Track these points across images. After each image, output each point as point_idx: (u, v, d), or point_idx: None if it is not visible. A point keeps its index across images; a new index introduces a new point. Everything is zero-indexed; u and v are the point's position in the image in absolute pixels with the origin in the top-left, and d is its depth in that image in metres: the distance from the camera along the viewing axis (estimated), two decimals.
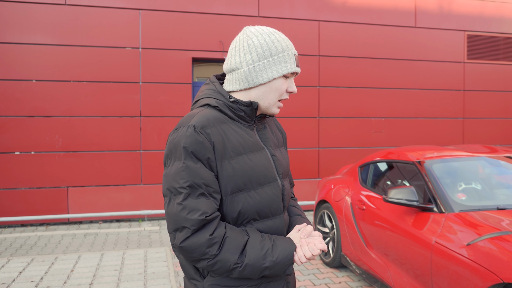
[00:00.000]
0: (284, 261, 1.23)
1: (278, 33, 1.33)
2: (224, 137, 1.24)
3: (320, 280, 3.99)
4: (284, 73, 1.29)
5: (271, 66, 1.28)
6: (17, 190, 6.08)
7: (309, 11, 7.12)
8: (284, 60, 1.29)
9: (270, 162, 1.33)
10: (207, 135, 1.21)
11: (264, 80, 1.29)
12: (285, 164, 1.42)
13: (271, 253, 1.22)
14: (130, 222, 6.44)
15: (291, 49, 1.31)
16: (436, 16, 7.75)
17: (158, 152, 6.52)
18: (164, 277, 4.06)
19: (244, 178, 1.25)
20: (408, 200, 2.95)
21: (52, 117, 6.16)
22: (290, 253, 1.24)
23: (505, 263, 2.15)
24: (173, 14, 6.53)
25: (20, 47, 6.05)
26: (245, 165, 1.26)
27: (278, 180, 1.34)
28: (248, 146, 1.29)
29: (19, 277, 4.05)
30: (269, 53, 1.28)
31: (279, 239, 1.27)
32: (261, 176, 1.29)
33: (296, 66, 1.31)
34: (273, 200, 1.31)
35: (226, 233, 1.19)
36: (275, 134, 1.46)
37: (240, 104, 1.30)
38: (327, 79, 7.25)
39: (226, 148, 1.24)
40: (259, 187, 1.28)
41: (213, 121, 1.24)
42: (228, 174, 1.23)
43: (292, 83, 1.34)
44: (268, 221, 1.31)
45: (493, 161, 3.47)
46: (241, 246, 1.19)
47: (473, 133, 8.04)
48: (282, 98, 1.33)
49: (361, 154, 7.34)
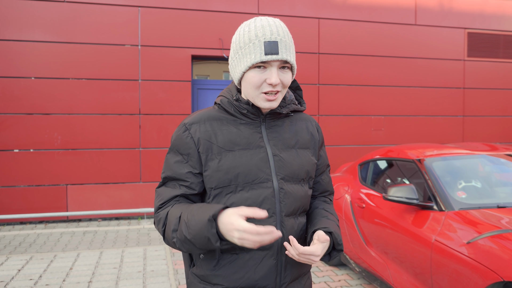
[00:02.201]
0: (200, 230, 1.11)
1: (259, 21, 1.23)
2: (212, 133, 1.27)
3: (320, 278, 3.99)
4: (249, 65, 1.20)
5: (240, 59, 1.23)
6: (16, 188, 6.07)
7: (309, 9, 7.10)
8: (250, 51, 1.20)
9: (265, 162, 1.26)
10: (193, 131, 1.27)
11: (238, 76, 1.25)
12: (295, 167, 1.30)
13: (190, 222, 1.14)
14: (129, 220, 6.43)
15: (261, 36, 1.19)
16: (436, 14, 7.73)
17: (157, 150, 6.50)
18: (163, 275, 4.05)
19: (229, 174, 1.23)
20: (408, 198, 2.94)
21: (51, 114, 6.15)
22: (204, 221, 1.10)
23: (505, 261, 2.14)
24: (173, 12, 6.51)
25: (19, 44, 6.03)
26: (233, 162, 1.24)
27: (274, 182, 1.26)
28: (241, 143, 1.27)
29: (18, 275, 4.04)
30: (239, 46, 1.24)
31: (202, 207, 1.16)
32: (250, 174, 1.24)
33: (264, 55, 1.18)
34: (262, 202, 1.24)
35: (169, 211, 1.23)
36: (297, 134, 1.36)
37: (242, 102, 1.29)
38: (327, 77, 7.23)
39: (213, 143, 1.26)
40: (247, 185, 1.24)
41: (204, 118, 1.29)
42: (212, 169, 1.24)
43: (271, 73, 1.21)
44: (256, 222, 1.22)
45: (493, 159, 3.46)
46: (175, 219, 1.19)
47: (473, 131, 8.02)
48: (263, 91, 1.22)
49: (360, 152, 7.33)
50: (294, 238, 1.26)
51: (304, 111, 1.46)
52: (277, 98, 1.25)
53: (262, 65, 1.21)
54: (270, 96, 1.23)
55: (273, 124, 1.33)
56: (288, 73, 1.25)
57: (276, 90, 1.23)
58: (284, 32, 1.23)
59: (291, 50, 1.24)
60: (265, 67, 1.22)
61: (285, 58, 1.20)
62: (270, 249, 1.25)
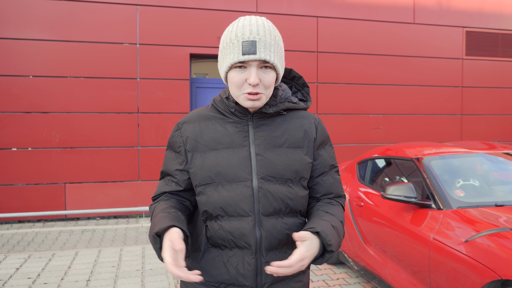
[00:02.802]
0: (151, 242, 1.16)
1: (242, 21, 1.22)
2: (198, 132, 1.32)
3: (318, 277, 3.99)
4: (228, 65, 1.21)
5: (223, 59, 1.25)
6: (14, 186, 6.06)
7: (307, 7, 7.09)
8: (229, 52, 1.21)
9: (246, 161, 1.26)
10: (183, 130, 1.34)
11: (223, 76, 1.27)
12: (279, 167, 1.27)
13: (151, 226, 1.23)
14: (127, 219, 6.43)
15: (240, 36, 1.19)
16: (434, 12, 7.73)
17: (155, 149, 6.50)
18: (161, 273, 4.05)
19: (211, 172, 1.27)
20: (406, 197, 2.94)
21: (49, 113, 6.13)
22: (151, 235, 1.16)
23: (503, 259, 2.15)
24: (171, 10, 6.50)
25: (17, 42, 6.02)
26: (215, 160, 1.27)
27: (253, 181, 1.25)
28: (224, 142, 1.29)
29: (16, 274, 4.04)
30: (223, 46, 1.25)
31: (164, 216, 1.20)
32: (230, 173, 1.25)
33: (242, 55, 1.17)
34: (240, 200, 1.24)
35: (156, 205, 1.31)
36: (286, 133, 1.32)
37: (230, 101, 1.31)
38: (325, 75, 7.23)
39: (199, 142, 1.31)
40: (227, 183, 1.25)
41: (195, 118, 1.35)
42: (197, 166, 1.29)
43: (250, 73, 1.19)
44: (235, 221, 1.25)
45: (492, 158, 3.47)
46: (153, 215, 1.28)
47: (471, 130, 8.04)
48: (245, 91, 1.22)
49: (359, 150, 7.34)
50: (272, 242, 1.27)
51: (307, 108, 1.44)
52: (260, 98, 1.23)
53: (242, 65, 1.21)
54: (252, 96, 1.22)
55: (261, 123, 1.31)
56: (269, 73, 1.23)
57: (257, 91, 1.21)
58: (265, 31, 1.21)
59: (273, 50, 1.21)
60: (245, 67, 1.21)
61: (263, 57, 1.18)
62: (249, 248, 1.25)
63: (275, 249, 1.27)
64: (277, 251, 1.28)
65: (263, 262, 1.26)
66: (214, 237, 1.28)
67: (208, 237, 1.31)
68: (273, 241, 1.26)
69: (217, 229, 1.27)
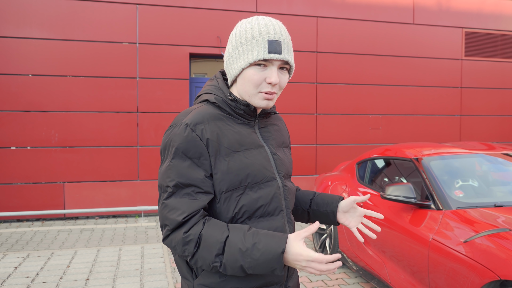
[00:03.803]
0: (267, 262, 1.10)
1: (262, 20, 1.22)
2: (219, 133, 1.21)
3: (317, 277, 3.99)
4: (250, 62, 1.18)
5: (240, 55, 1.21)
6: (13, 185, 6.05)
7: (307, 7, 7.09)
8: (252, 48, 1.18)
9: (269, 161, 1.28)
10: (200, 132, 1.18)
11: (236, 72, 1.22)
12: (288, 165, 1.36)
13: (251, 252, 1.10)
14: (126, 218, 6.43)
15: (265, 34, 1.18)
16: (434, 13, 7.74)
17: (155, 148, 6.50)
18: (160, 273, 4.05)
19: (240, 176, 1.20)
20: (405, 197, 2.95)
21: (48, 112, 6.13)
22: (275, 254, 1.09)
23: (502, 260, 2.15)
24: (171, 9, 6.50)
25: (16, 41, 6.01)
26: (241, 162, 1.21)
27: (278, 180, 1.28)
28: (245, 143, 1.25)
29: (15, 273, 4.03)
30: (240, 42, 1.21)
31: (265, 236, 1.13)
32: (258, 174, 1.23)
33: (268, 53, 1.17)
34: (270, 200, 1.25)
35: (202, 231, 1.14)
36: (282, 133, 1.41)
37: (239, 103, 1.25)
38: (325, 75, 7.24)
39: (221, 145, 1.20)
40: (255, 185, 1.23)
41: (208, 118, 1.22)
42: (222, 171, 1.19)
43: (271, 72, 1.19)
44: (266, 221, 1.24)
45: (491, 158, 3.47)
46: (219, 244, 1.13)
47: (470, 130, 8.05)
48: (262, 90, 1.21)
49: (358, 150, 7.34)
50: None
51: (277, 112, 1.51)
52: (273, 98, 1.24)
53: (263, 63, 1.19)
54: (269, 95, 1.22)
55: (264, 124, 1.35)
56: (286, 75, 1.25)
57: (274, 91, 1.22)
58: (286, 33, 1.23)
59: (291, 52, 1.24)
60: (265, 66, 1.20)
61: (287, 58, 1.20)
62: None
63: None
64: None
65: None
66: None
67: None
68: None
69: None
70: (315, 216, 1.49)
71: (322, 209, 1.48)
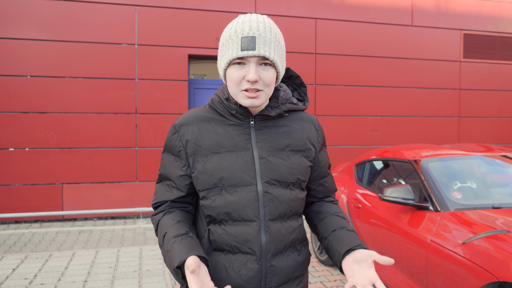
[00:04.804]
0: (171, 270, 1.13)
1: (243, 18, 1.20)
2: (200, 135, 1.27)
3: (316, 278, 3.99)
4: (227, 62, 1.19)
5: (222, 56, 1.22)
6: (11, 187, 6.04)
7: (306, 9, 7.10)
8: (228, 48, 1.18)
9: (250, 165, 1.24)
10: (181, 132, 1.28)
11: (221, 73, 1.24)
12: (283, 171, 1.26)
13: (165, 256, 1.17)
14: (125, 220, 6.42)
15: (239, 32, 1.17)
16: (432, 15, 7.75)
17: (153, 149, 6.49)
18: (159, 274, 4.05)
19: (214, 177, 1.23)
20: (404, 199, 2.95)
21: (46, 113, 6.12)
22: (171, 267, 1.12)
23: (500, 262, 2.15)
24: (169, 11, 6.50)
25: (14, 42, 6.00)
26: (218, 164, 1.23)
27: (258, 185, 1.23)
28: (226, 145, 1.25)
29: (13, 274, 4.02)
30: (222, 44, 1.22)
31: (177, 248, 1.13)
32: (233, 177, 1.22)
33: (241, 50, 1.15)
34: (245, 205, 1.21)
35: (160, 220, 1.28)
36: (290, 135, 1.31)
37: (231, 102, 1.26)
38: (324, 77, 7.24)
39: (200, 146, 1.26)
40: (231, 188, 1.22)
41: (193, 120, 1.30)
42: (199, 171, 1.26)
43: (249, 69, 1.17)
44: (240, 226, 1.22)
45: (489, 160, 3.48)
46: (161, 237, 1.24)
47: (469, 132, 8.06)
48: (243, 88, 1.19)
49: (357, 152, 7.35)
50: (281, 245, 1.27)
51: (306, 109, 1.43)
52: (258, 96, 1.20)
53: (241, 61, 1.18)
54: (250, 93, 1.19)
55: (263, 126, 1.29)
56: (269, 70, 1.19)
57: (256, 88, 1.18)
58: (265, 27, 1.18)
59: (273, 46, 1.18)
60: (244, 64, 1.18)
61: (262, 54, 1.16)
62: (253, 253, 1.23)
63: (280, 253, 1.27)
64: (281, 255, 1.27)
65: (268, 267, 1.24)
66: (217, 241, 1.25)
67: (211, 241, 1.27)
68: (279, 245, 1.26)
69: (221, 233, 1.24)
70: (326, 249, 1.33)
71: (334, 246, 1.28)
